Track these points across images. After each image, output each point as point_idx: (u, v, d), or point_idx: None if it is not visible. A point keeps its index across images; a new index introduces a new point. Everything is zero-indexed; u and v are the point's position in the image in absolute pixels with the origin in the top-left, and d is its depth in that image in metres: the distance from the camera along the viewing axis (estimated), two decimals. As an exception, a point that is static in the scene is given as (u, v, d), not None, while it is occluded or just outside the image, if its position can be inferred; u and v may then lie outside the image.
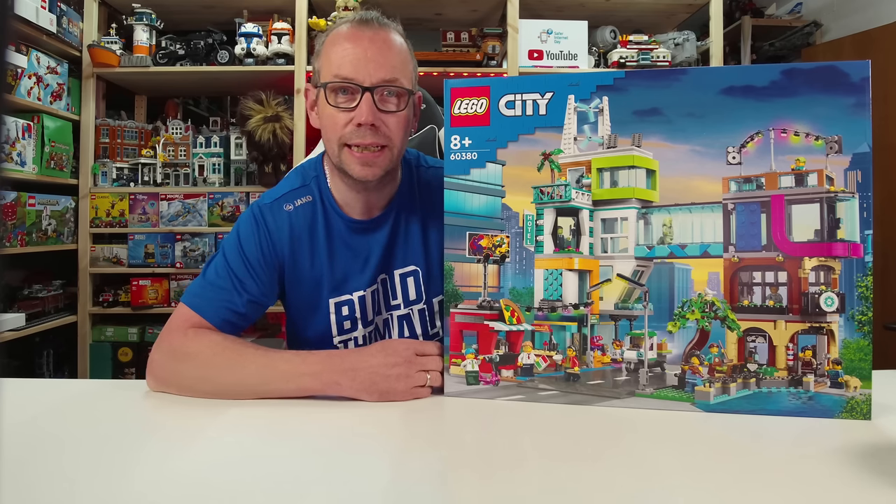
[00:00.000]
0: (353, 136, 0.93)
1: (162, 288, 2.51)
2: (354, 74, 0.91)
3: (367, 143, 0.92)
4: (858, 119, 0.73)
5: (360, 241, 1.02)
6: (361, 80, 0.91)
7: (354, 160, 0.94)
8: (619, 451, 0.66)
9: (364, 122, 0.91)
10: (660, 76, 0.78)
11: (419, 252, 1.05)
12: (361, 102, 0.91)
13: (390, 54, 0.94)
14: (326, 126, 0.96)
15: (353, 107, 0.92)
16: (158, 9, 2.54)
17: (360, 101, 0.91)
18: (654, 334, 0.79)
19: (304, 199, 1.03)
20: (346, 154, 0.94)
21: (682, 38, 2.63)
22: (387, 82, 0.92)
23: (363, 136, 0.92)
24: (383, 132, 0.93)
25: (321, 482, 0.58)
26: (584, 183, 0.82)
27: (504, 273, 0.84)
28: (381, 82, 0.92)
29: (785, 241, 0.76)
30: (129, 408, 0.82)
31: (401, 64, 0.95)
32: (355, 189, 0.99)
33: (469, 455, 0.66)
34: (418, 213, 1.05)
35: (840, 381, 0.74)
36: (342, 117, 0.93)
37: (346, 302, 1.02)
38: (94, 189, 2.50)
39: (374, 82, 0.91)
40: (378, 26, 0.96)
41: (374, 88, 0.91)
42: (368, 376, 0.81)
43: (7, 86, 1.62)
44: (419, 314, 1.05)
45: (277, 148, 2.39)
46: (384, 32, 0.95)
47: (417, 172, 1.08)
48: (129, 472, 0.60)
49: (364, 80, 0.91)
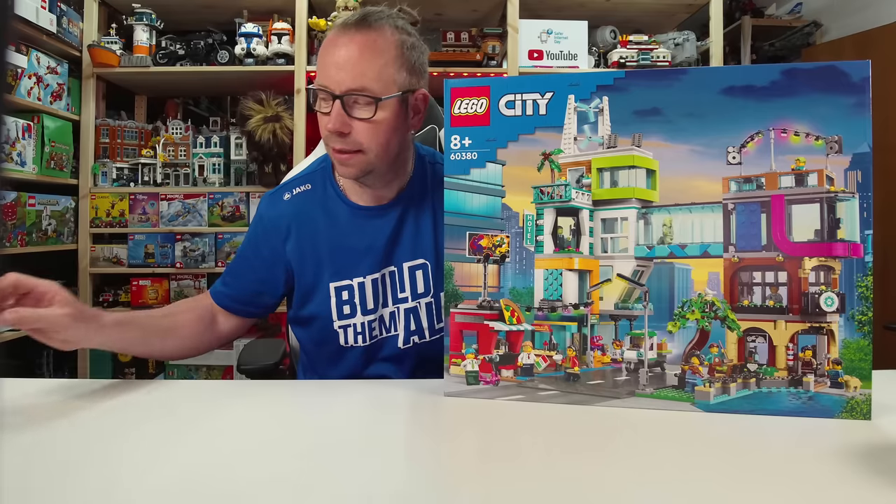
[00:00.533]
0: (329, 140, 0.97)
1: (162, 288, 2.51)
2: (327, 82, 0.94)
3: (338, 148, 0.95)
4: (858, 119, 0.73)
5: (363, 227, 1.05)
6: (332, 88, 0.93)
7: (336, 160, 0.99)
8: (619, 451, 0.66)
9: (332, 130, 0.93)
10: (660, 76, 0.78)
11: (429, 245, 1.06)
12: (333, 109, 0.93)
13: (363, 60, 0.92)
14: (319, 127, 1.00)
15: (327, 112, 0.95)
16: (158, 9, 2.54)
17: (331, 108, 0.93)
18: (654, 334, 0.79)
19: (303, 187, 1.09)
20: (331, 153, 0.99)
21: (682, 38, 2.63)
22: (354, 91, 0.92)
23: (334, 141, 0.96)
24: (353, 138, 0.94)
25: (321, 482, 0.58)
26: (584, 183, 0.82)
27: (504, 273, 0.84)
28: (348, 91, 0.92)
29: (785, 241, 0.76)
30: (129, 408, 0.82)
31: (377, 69, 0.93)
32: (359, 182, 1.03)
33: (469, 455, 0.66)
34: (429, 208, 1.07)
35: (840, 381, 0.74)
36: (323, 121, 0.96)
37: (346, 287, 1.04)
38: (94, 189, 2.50)
39: (343, 90, 0.92)
40: (366, 27, 0.94)
41: (342, 97, 0.93)
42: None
43: (7, 86, 1.62)
44: (426, 307, 1.06)
45: (277, 148, 2.39)
46: (369, 35, 0.93)
47: (432, 169, 1.10)
48: (129, 471, 0.60)
49: (334, 87, 0.93)
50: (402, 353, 1.06)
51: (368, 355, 1.07)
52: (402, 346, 1.06)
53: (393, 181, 1.05)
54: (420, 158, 1.10)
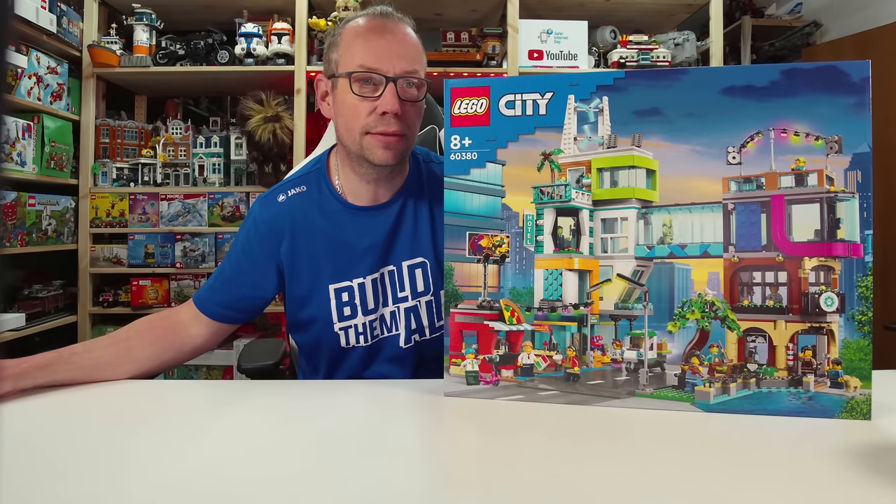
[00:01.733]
0: (378, 125, 0.96)
1: (162, 288, 2.51)
2: (378, 65, 0.95)
3: (391, 130, 0.96)
4: (858, 119, 0.73)
5: (361, 227, 1.04)
6: (385, 71, 0.95)
7: (377, 144, 0.97)
8: (619, 451, 0.66)
9: (389, 111, 0.95)
10: (660, 76, 0.78)
11: (427, 244, 1.06)
12: (386, 92, 0.95)
13: (409, 47, 0.98)
14: (347, 115, 0.99)
15: (377, 96, 0.95)
16: (158, 9, 2.54)
17: (384, 91, 0.95)
18: (654, 334, 0.79)
19: (298, 188, 1.08)
20: (367, 140, 0.98)
21: (682, 38, 2.63)
22: (408, 73, 0.96)
23: (388, 124, 0.96)
24: (404, 120, 0.97)
25: (321, 482, 0.58)
26: (584, 183, 0.82)
27: (504, 273, 0.84)
28: (404, 73, 0.96)
29: (785, 241, 0.75)
30: (129, 408, 0.82)
31: (418, 56, 1.00)
32: (365, 179, 1.03)
33: (469, 455, 0.66)
34: (427, 206, 1.07)
35: (840, 381, 0.74)
36: (365, 106, 0.96)
37: (345, 288, 1.04)
38: (94, 189, 2.51)
39: (398, 73, 0.95)
40: (396, 19, 1.00)
41: (397, 79, 0.95)
42: None
43: (7, 86, 1.62)
44: (426, 306, 1.06)
45: (277, 148, 2.39)
46: (402, 25, 1.00)
47: (427, 167, 1.11)
48: (129, 471, 0.60)
49: (388, 70, 0.95)
50: (404, 353, 1.06)
51: (369, 356, 1.06)
52: (404, 346, 1.05)
53: (396, 176, 1.06)
54: (415, 157, 1.11)
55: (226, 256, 1.09)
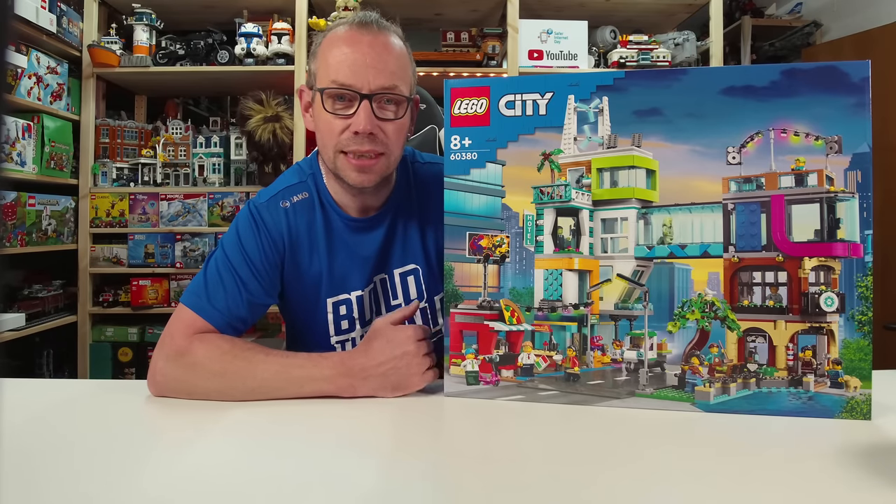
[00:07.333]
0: (350, 144, 0.90)
1: (162, 288, 2.51)
2: (353, 81, 0.88)
3: (365, 150, 0.90)
4: (858, 119, 0.73)
5: (357, 240, 1.01)
6: (359, 87, 0.88)
7: (350, 167, 0.91)
8: (619, 451, 0.66)
9: (361, 131, 0.88)
10: (660, 76, 0.78)
11: (418, 250, 1.04)
12: (360, 110, 0.88)
13: (390, 59, 0.91)
14: (322, 131, 0.93)
15: (350, 114, 0.89)
16: (158, 9, 2.54)
17: (357, 109, 0.89)
18: (654, 334, 0.79)
19: (300, 195, 1.00)
20: (341, 160, 0.92)
21: (682, 38, 2.62)
22: (385, 89, 0.90)
23: (360, 143, 0.90)
24: (381, 140, 0.91)
25: (322, 483, 0.58)
26: (584, 183, 0.82)
27: (504, 273, 0.84)
28: (380, 89, 0.89)
29: (785, 241, 0.76)
30: (129, 408, 0.82)
31: (400, 69, 0.92)
32: (350, 192, 0.98)
33: (469, 455, 0.66)
34: (416, 212, 1.04)
35: (840, 381, 0.74)
36: (339, 124, 0.90)
37: (343, 301, 1.01)
38: (94, 189, 2.50)
39: (373, 89, 0.89)
40: (377, 29, 0.92)
41: (372, 96, 0.89)
42: (381, 374, 0.82)
43: (7, 86, 1.62)
44: (421, 313, 1.05)
45: (277, 148, 2.39)
46: (384, 36, 0.92)
47: (413, 169, 1.07)
48: (129, 471, 0.60)
49: (362, 86, 0.88)
50: None
51: None
52: None
53: (383, 188, 1.01)
54: (402, 161, 1.05)
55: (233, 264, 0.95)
